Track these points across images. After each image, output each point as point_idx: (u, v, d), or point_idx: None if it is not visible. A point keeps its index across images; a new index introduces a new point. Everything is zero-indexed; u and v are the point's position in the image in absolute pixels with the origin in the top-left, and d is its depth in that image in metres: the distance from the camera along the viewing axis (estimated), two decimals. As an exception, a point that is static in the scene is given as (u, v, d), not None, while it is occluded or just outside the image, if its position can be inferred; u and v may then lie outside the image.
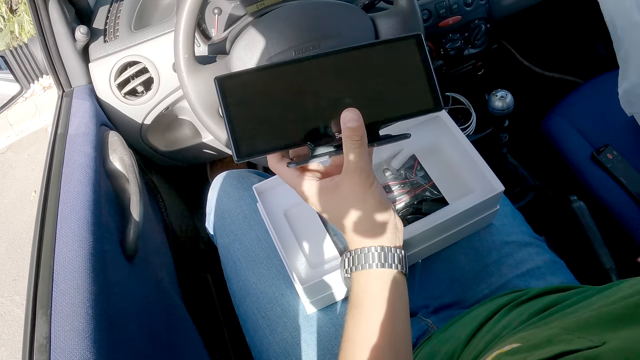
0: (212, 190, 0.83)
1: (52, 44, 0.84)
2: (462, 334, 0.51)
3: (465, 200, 0.65)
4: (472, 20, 1.05)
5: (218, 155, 1.16)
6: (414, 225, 0.64)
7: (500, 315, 0.50)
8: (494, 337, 0.46)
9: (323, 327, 0.66)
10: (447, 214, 0.64)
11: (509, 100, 1.11)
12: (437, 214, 0.65)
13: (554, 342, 0.29)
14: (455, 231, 0.68)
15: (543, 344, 0.29)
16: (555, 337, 0.30)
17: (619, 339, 0.27)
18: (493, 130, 1.22)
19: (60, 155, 0.70)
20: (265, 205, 0.69)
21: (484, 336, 0.48)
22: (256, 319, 0.69)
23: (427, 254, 0.71)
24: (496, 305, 0.52)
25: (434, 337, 0.57)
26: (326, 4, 0.74)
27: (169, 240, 0.97)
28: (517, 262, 0.69)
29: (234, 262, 0.74)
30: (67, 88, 0.89)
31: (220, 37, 0.87)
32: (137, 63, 0.88)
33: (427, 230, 0.63)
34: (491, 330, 0.48)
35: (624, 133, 0.95)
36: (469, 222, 0.68)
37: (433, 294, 0.70)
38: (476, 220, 0.68)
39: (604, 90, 1.04)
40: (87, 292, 0.53)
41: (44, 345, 0.48)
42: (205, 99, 0.73)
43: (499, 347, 0.33)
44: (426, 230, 0.63)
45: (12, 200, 2.10)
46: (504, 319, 0.48)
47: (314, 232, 0.67)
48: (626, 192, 0.89)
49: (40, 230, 0.60)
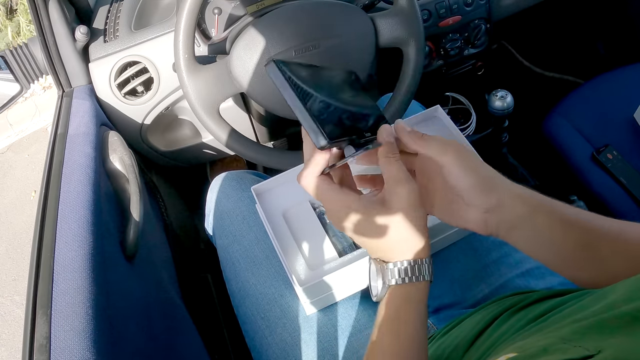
0: (211, 191, 0.83)
1: (52, 44, 0.84)
2: (463, 340, 0.51)
3: None
4: (472, 20, 1.05)
5: (218, 155, 1.16)
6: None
7: (501, 321, 0.50)
8: (492, 344, 0.46)
9: (322, 328, 0.66)
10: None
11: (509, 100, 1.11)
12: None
13: (550, 351, 0.29)
14: (455, 231, 0.68)
15: (539, 353, 0.29)
16: (551, 346, 0.30)
17: (613, 347, 0.27)
18: (493, 130, 1.22)
19: (60, 155, 0.70)
20: (263, 207, 0.69)
21: (483, 343, 0.48)
22: (255, 320, 0.69)
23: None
24: (497, 310, 0.52)
25: (434, 341, 0.57)
26: (326, 4, 0.74)
27: (169, 240, 0.97)
28: (516, 262, 0.69)
29: (233, 263, 0.74)
30: (67, 88, 0.89)
31: (220, 37, 0.87)
32: (137, 63, 0.88)
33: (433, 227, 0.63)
34: (490, 336, 0.48)
35: (624, 133, 0.95)
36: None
37: (433, 294, 0.70)
38: None
39: (604, 90, 1.04)
40: (87, 292, 0.53)
41: (44, 345, 0.48)
42: (205, 99, 0.73)
43: (495, 356, 0.34)
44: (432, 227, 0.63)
45: (12, 200, 2.10)
46: (504, 325, 0.48)
47: (313, 233, 0.67)
48: (626, 192, 0.89)
49: (40, 230, 0.60)
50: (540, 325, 0.40)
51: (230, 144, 0.75)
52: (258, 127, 1.07)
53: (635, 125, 0.95)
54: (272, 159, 0.77)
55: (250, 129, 1.08)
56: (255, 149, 0.77)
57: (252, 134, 1.09)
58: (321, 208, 0.69)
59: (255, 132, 1.09)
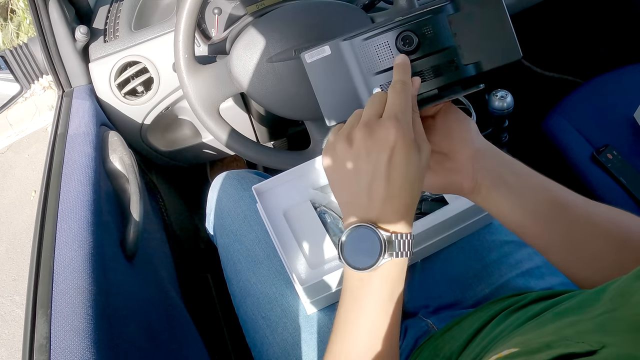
0: (211, 191, 0.83)
1: (52, 44, 0.84)
2: (460, 339, 0.51)
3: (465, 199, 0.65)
4: (472, 20, 1.05)
5: (218, 155, 1.16)
6: (414, 225, 0.63)
7: (498, 320, 0.50)
8: (490, 342, 0.46)
9: (323, 327, 0.66)
10: (447, 214, 0.64)
11: (509, 100, 1.11)
12: (437, 214, 0.65)
13: (553, 346, 0.29)
14: (455, 231, 0.68)
15: (542, 348, 0.29)
16: (554, 342, 0.30)
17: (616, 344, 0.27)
18: (493, 130, 1.22)
19: (60, 155, 0.70)
20: (264, 206, 0.69)
21: (481, 341, 0.48)
22: (256, 320, 0.69)
23: (426, 254, 0.71)
24: (495, 309, 0.52)
25: (433, 339, 0.57)
26: (326, 4, 0.74)
27: (169, 240, 0.97)
28: (516, 262, 0.69)
29: (234, 262, 0.74)
30: (67, 88, 0.89)
31: (220, 37, 0.87)
32: (137, 63, 0.88)
33: (427, 230, 0.63)
34: (488, 335, 0.48)
35: (624, 133, 0.95)
36: (469, 222, 0.68)
37: (433, 294, 0.70)
38: (476, 219, 0.68)
39: (604, 90, 1.04)
40: (87, 292, 0.53)
41: (44, 345, 0.48)
42: (205, 99, 0.73)
43: (495, 351, 0.34)
44: (426, 230, 0.63)
45: (12, 200, 2.10)
46: (502, 324, 0.48)
47: (314, 232, 0.67)
48: (626, 192, 0.89)
49: (40, 230, 0.60)
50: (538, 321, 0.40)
51: (230, 144, 0.75)
52: (258, 127, 1.07)
53: (635, 125, 0.95)
54: (272, 159, 0.77)
55: (250, 129, 1.08)
56: (256, 149, 0.77)
57: (252, 134, 1.09)
58: (322, 207, 0.69)
59: (255, 132, 1.09)
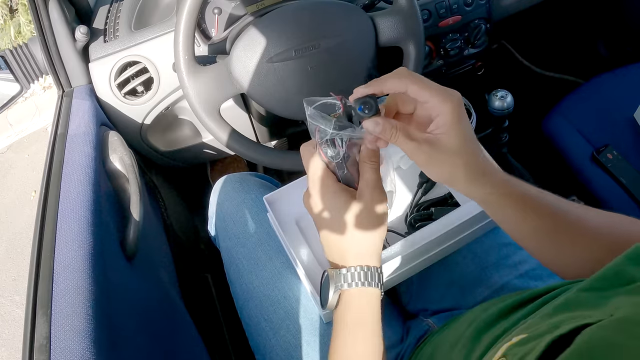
0: (213, 194, 0.83)
1: (52, 44, 0.84)
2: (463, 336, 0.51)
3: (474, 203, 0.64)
4: (472, 20, 1.05)
5: (218, 155, 1.16)
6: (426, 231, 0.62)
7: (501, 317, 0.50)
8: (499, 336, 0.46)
9: (326, 330, 0.66)
10: (455, 221, 0.62)
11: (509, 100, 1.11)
12: (446, 219, 0.63)
13: (562, 326, 0.30)
14: (464, 235, 0.67)
15: (551, 329, 0.30)
16: (562, 322, 0.31)
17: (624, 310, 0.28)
18: (493, 130, 1.22)
19: (60, 155, 0.70)
20: (276, 216, 0.68)
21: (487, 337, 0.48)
22: (259, 322, 0.69)
23: (436, 260, 0.69)
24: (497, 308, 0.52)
25: (434, 337, 0.57)
26: (326, 4, 0.74)
27: (169, 240, 0.97)
28: (515, 264, 0.69)
29: (236, 265, 0.74)
30: (67, 88, 0.89)
31: (220, 37, 0.87)
32: (137, 63, 0.88)
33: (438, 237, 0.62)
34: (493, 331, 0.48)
35: (624, 133, 0.95)
36: (479, 225, 0.66)
37: (432, 298, 0.70)
38: (484, 223, 0.67)
39: (604, 90, 1.04)
40: (87, 292, 0.53)
41: (44, 345, 0.48)
42: (205, 100, 0.73)
43: (505, 341, 0.34)
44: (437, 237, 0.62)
45: (12, 200, 2.10)
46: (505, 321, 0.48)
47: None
48: (626, 192, 0.89)
49: (40, 230, 0.60)
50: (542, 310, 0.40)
51: (231, 144, 0.75)
52: (258, 127, 1.07)
53: (635, 125, 0.95)
54: (273, 159, 0.77)
55: (250, 129, 1.08)
56: (256, 149, 0.77)
57: (252, 134, 1.09)
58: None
59: (255, 132, 1.09)
